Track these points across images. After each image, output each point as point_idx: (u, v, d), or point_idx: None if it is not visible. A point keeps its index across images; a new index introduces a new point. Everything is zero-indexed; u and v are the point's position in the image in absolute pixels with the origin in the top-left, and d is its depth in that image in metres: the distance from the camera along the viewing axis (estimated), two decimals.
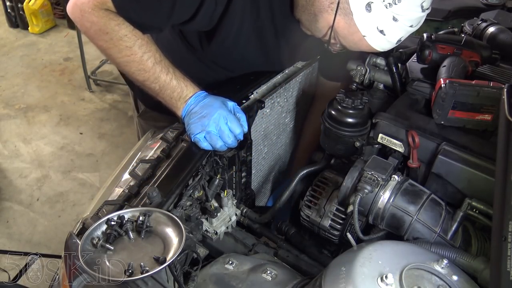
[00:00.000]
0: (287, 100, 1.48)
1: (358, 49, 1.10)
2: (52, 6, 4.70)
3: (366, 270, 0.76)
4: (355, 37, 1.05)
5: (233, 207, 1.19)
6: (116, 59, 1.11)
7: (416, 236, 0.98)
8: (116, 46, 1.08)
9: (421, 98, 1.20)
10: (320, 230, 1.19)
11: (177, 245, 0.85)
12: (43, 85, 3.83)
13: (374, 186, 0.99)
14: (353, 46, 1.10)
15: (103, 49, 1.11)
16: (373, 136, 1.16)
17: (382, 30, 1.02)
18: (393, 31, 1.02)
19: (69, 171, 2.94)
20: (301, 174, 1.26)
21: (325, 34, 1.10)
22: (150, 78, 1.12)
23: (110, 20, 1.05)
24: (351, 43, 1.09)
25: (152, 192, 0.95)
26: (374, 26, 1.01)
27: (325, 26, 1.08)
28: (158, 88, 1.14)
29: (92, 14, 1.05)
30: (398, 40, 1.05)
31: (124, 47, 1.08)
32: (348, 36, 1.06)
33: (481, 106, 1.05)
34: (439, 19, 1.82)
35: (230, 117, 1.11)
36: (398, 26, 1.01)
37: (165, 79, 1.12)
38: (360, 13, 1.00)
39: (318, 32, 1.12)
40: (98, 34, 1.08)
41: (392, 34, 1.03)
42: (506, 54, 1.29)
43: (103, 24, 1.06)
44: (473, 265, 0.89)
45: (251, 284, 0.93)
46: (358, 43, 1.07)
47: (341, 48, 1.15)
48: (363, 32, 1.03)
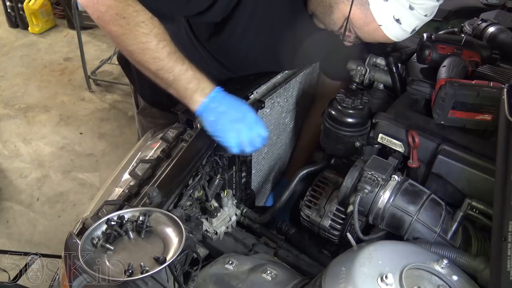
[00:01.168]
0: (287, 100, 1.48)
1: (373, 39, 1.10)
2: (52, 6, 4.70)
3: (366, 270, 0.76)
4: (370, 27, 1.06)
5: (233, 207, 1.19)
6: (130, 46, 1.06)
7: (416, 236, 0.98)
8: (132, 32, 1.04)
9: (421, 98, 1.21)
10: (320, 230, 1.19)
11: (177, 245, 0.85)
12: (43, 85, 3.83)
13: (374, 186, 0.99)
14: (367, 37, 1.10)
15: (117, 35, 1.05)
16: (373, 136, 1.16)
17: (398, 19, 1.02)
18: (409, 20, 1.03)
19: (69, 171, 2.94)
20: (301, 174, 1.26)
21: (340, 26, 1.10)
22: (164, 67, 1.08)
23: (128, 6, 1.02)
24: (366, 33, 1.09)
25: (152, 192, 0.95)
26: (391, 15, 1.02)
27: (340, 17, 1.08)
28: (172, 79, 1.09)
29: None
30: (413, 29, 1.06)
31: (141, 33, 1.04)
32: (364, 27, 1.07)
33: (481, 106, 1.05)
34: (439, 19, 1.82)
35: (259, 121, 1.11)
36: (414, 15, 1.02)
37: (180, 69, 1.08)
38: (376, 2, 1.01)
39: (333, 24, 1.12)
40: (114, 19, 1.03)
41: (407, 23, 1.04)
42: (506, 54, 1.29)
43: (121, 9, 1.01)
44: (473, 265, 0.88)
45: (251, 284, 0.93)
46: (373, 33, 1.07)
47: (355, 40, 1.15)
48: (379, 21, 1.03)
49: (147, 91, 1.60)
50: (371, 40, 1.12)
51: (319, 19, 1.16)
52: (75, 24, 3.50)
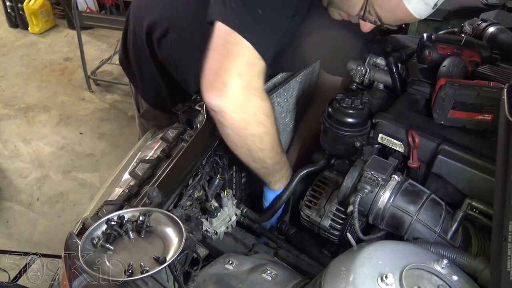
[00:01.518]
0: (287, 100, 1.48)
1: (394, 18, 1.08)
2: (52, 6, 4.71)
3: (366, 270, 0.76)
4: (393, 2, 1.04)
5: (233, 207, 1.19)
6: (265, 143, 1.10)
7: (416, 236, 0.98)
8: (272, 128, 1.09)
9: (421, 98, 1.21)
10: (320, 230, 1.19)
11: (177, 245, 0.85)
12: (43, 85, 3.83)
13: (374, 186, 0.99)
14: (389, 16, 1.08)
15: (259, 134, 1.07)
16: (373, 136, 1.16)
17: None
18: None
19: (69, 171, 2.94)
20: (301, 174, 1.26)
21: (360, 7, 1.08)
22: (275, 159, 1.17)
23: (267, 101, 1.06)
24: (387, 11, 1.07)
25: (152, 192, 0.95)
26: None
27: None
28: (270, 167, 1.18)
29: (255, 95, 1.03)
30: (435, 3, 1.04)
31: (274, 128, 1.10)
32: (385, 3, 1.05)
33: (481, 106, 1.05)
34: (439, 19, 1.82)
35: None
36: None
37: (280, 160, 1.19)
38: None
39: (352, 7, 1.10)
40: (260, 119, 1.06)
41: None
42: (506, 54, 1.29)
43: (267, 106, 1.06)
44: (473, 265, 0.88)
45: (251, 284, 0.93)
46: (396, 9, 1.05)
47: (375, 22, 1.12)
48: None
49: (150, 94, 1.60)
50: (392, 20, 1.09)
51: (337, 6, 1.13)
52: (75, 24, 3.50)
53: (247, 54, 0.99)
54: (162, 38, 1.37)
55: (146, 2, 1.45)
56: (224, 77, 0.97)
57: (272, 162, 1.16)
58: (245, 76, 0.99)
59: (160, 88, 1.54)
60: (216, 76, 0.97)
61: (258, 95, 1.03)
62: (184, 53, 1.36)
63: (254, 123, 1.04)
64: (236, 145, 1.08)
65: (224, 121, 1.02)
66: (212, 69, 0.99)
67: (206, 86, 0.99)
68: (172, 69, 1.45)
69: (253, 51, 0.99)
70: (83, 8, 4.21)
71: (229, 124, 1.03)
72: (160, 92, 1.55)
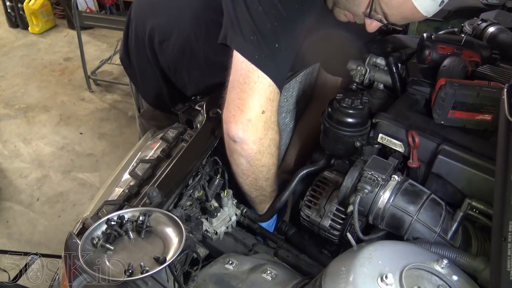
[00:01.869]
0: (287, 100, 1.48)
1: (401, 15, 1.08)
2: (52, 6, 4.71)
3: (366, 270, 0.76)
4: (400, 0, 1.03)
5: (233, 207, 1.19)
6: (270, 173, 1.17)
7: (416, 236, 0.98)
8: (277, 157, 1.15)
9: (421, 98, 1.21)
10: (320, 230, 1.18)
11: (177, 245, 0.85)
12: (43, 85, 3.83)
13: (374, 186, 0.99)
14: (395, 13, 1.07)
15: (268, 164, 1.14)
16: (373, 136, 1.16)
17: None
18: None
19: (69, 171, 2.94)
20: (301, 174, 1.26)
21: (367, 5, 1.08)
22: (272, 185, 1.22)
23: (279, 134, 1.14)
24: (394, 8, 1.06)
25: (152, 192, 0.95)
26: None
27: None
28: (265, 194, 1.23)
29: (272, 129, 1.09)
30: (442, 0, 1.03)
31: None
32: (392, 0, 1.04)
33: (481, 106, 1.05)
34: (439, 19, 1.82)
35: None
36: None
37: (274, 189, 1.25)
38: None
39: (358, 5, 1.09)
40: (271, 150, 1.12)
41: None
42: (506, 54, 1.29)
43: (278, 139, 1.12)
44: (473, 265, 0.88)
45: (251, 284, 0.93)
46: (402, 6, 1.04)
47: (381, 21, 1.12)
48: None
49: (150, 93, 1.60)
50: (399, 18, 1.09)
51: (343, 6, 1.13)
52: (75, 24, 3.50)
53: (269, 91, 1.04)
54: (165, 41, 1.36)
55: (150, 2, 1.44)
56: (249, 114, 1.02)
57: (271, 190, 1.23)
58: (267, 112, 1.05)
59: (161, 88, 1.54)
60: (241, 112, 1.03)
61: (274, 129, 1.10)
62: (187, 57, 1.35)
63: (267, 155, 1.11)
64: (244, 174, 1.14)
65: (242, 151, 1.07)
66: (236, 105, 1.03)
67: (231, 120, 1.04)
68: (172, 74, 1.45)
69: (274, 87, 1.04)
70: (83, 8, 4.22)
71: (246, 155, 1.08)
72: (161, 92, 1.55)
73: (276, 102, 1.07)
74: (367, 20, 1.12)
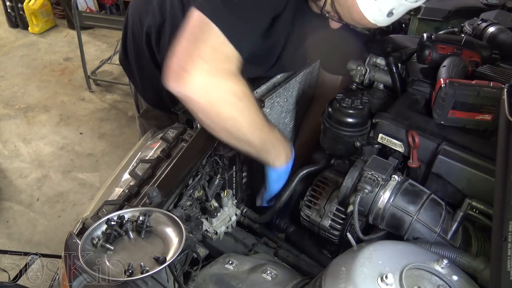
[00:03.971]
0: (287, 100, 1.48)
1: (351, 17, 1.07)
2: (52, 6, 4.71)
3: (366, 270, 0.76)
4: (348, 1, 1.03)
5: (233, 207, 1.19)
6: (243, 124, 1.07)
7: (416, 236, 0.98)
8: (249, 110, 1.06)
9: (421, 98, 1.21)
10: (320, 230, 1.19)
11: (177, 245, 0.85)
12: (43, 85, 3.83)
13: (374, 186, 0.99)
14: (346, 15, 1.07)
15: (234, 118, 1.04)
16: (373, 136, 1.16)
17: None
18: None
19: (69, 171, 2.94)
20: (301, 174, 1.26)
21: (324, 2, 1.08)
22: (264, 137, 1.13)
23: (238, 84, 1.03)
24: (344, 9, 1.06)
25: (152, 192, 0.95)
26: None
27: None
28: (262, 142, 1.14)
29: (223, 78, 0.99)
30: (389, 11, 1.02)
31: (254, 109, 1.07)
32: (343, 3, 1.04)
33: (481, 106, 1.05)
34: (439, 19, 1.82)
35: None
36: None
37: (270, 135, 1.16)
38: None
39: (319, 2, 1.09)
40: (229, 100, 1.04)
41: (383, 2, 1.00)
42: (506, 54, 1.29)
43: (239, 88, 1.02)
44: (473, 265, 0.88)
45: (251, 284, 0.93)
46: (350, 8, 1.04)
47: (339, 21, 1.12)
48: None
49: (150, 93, 1.60)
50: (350, 20, 1.08)
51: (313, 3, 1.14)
52: (75, 24, 3.50)
53: (214, 39, 0.96)
54: (162, 39, 1.36)
55: (146, 0, 1.43)
56: (187, 64, 0.94)
57: (259, 141, 1.13)
58: (210, 61, 0.95)
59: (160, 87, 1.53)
60: (180, 62, 0.95)
61: (226, 78, 0.99)
62: None
63: (223, 105, 1.01)
64: (213, 129, 1.07)
65: (192, 107, 1.01)
66: (176, 56, 0.96)
67: (168, 74, 0.96)
68: None
69: (220, 36, 0.96)
70: (83, 8, 4.22)
71: (197, 109, 1.01)
72: (160, 92, 1.55)
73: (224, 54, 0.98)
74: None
